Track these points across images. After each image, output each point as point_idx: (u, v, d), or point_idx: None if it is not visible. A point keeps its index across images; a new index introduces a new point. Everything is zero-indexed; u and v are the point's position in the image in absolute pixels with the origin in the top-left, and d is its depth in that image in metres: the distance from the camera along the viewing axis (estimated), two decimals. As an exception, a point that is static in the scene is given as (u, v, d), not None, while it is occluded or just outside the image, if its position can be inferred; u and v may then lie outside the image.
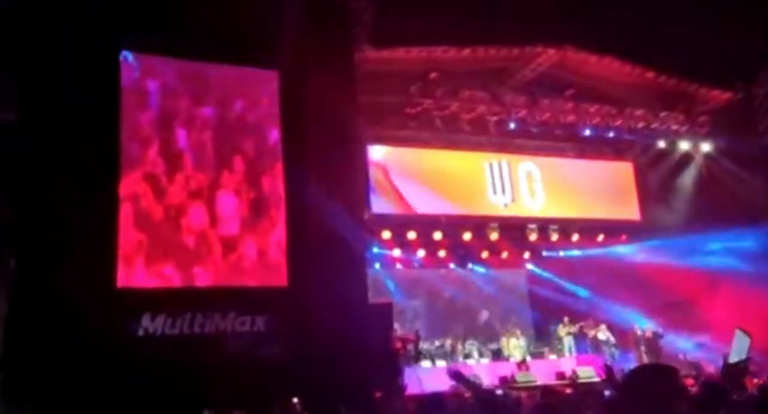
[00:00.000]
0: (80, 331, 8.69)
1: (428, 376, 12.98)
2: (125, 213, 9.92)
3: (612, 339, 14.98)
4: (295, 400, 8.56)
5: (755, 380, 9.23)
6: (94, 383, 8.44)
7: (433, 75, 14.13)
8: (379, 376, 10.90)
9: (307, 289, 10.39)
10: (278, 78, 11.36)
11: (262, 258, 10.75)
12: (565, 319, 15.62)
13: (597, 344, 15.09)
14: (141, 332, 9.52)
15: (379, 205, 14.26)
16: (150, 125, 10.43)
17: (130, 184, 10.05)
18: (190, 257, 10.26)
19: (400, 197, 14.75)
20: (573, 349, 15.19)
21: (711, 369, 13.73)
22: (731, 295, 14.84)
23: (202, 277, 10.27)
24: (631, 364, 14.00)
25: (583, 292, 16.67)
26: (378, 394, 10.40)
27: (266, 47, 10.57)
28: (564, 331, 15.39)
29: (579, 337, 15.42)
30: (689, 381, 9.18)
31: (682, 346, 15.29)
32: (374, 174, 14.26)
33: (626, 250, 16.73)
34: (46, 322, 8.67)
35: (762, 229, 14.04)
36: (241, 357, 9.79)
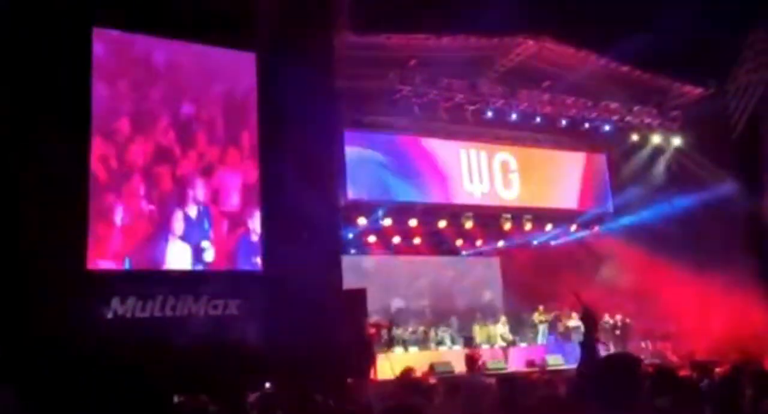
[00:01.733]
0: (49, 313, 8.55)
1: (401, 363, 13.07)
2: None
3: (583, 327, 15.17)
4: (267, 385, 8.56)
5: (717, 369, 9.47)
6: (64, 366, 8.32)
7: (412, 62, 14.10)
8: (352, 362, 10.93)
9: (280, 274, 10.35)
10: (255, 60, 11.23)
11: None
12: (540, 307, 15.77)
13: (569, 333, 15.31)
14: (110, 315, 9.41)
15: (355, 191, 14.24)
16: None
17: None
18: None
19: (376, 184, 14.74)
20: (546, 337, 15.38)
21: (675, 358, 14.06)
22: (694, 284, 15.20)
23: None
24: (600, 353, 14.27)
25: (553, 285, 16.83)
26: (350, 381, 10.44)
27: (244, 29, 10.43)
28: (539, 319, 15.57)
29: (553, 325, 15.62)
30: (651, 369, 9.36)
31: (647, 335, 15.61)
32: (351, 160, 14.21)
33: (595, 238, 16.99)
34: (14, 304, 8.51)
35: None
36: (213, 341, 9.72)
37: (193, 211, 10.46)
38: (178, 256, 10.22)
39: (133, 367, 8.57)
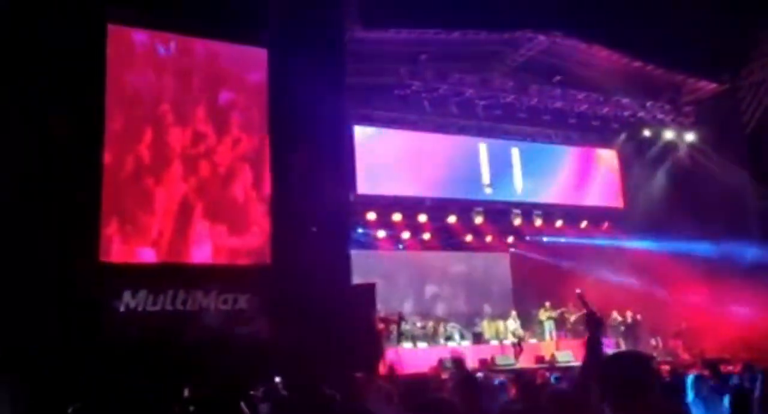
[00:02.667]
0: (61, 305, 8.63)
1: (410, 358, 13.09)
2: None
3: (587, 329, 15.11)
4: (277, 379, 8.59)
5: (729, 367, 9.42)
6: (76, 357, 8.40)
7: (422, 57, 14.06)
8: (361, 356, 10.95)
9: (290, 268, 10.38)
10: (267, 56, 11.26)
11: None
12: (547, 303, 15.73)
13: (577, 329, 15.25)
14: (122, 308, 9.48)
15: (365, 186, 14.23)
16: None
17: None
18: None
19: (386, 179, 14.73)
20: (553, 334, 15.31)
21: (686, 356, 13.99)
22: (707, 284, 15.11)
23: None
24: (609, 350, 14.19)
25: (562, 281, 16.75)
26: (359, 375, 10.45)
27: (255, 25, 10.45)
28: (545, 316, 15.51)
29: (560, 322, 15.57)
30: (664, 368, 9.33)
31: (658, 332, 15.53)
32: (361, 155, 14.20)
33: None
34: (26, 296, 8.59)
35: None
36: (223, 335, 9.79)
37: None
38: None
39: (143, 359, 8.65)
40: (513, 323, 15.14)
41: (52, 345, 8.44)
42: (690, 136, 16.55)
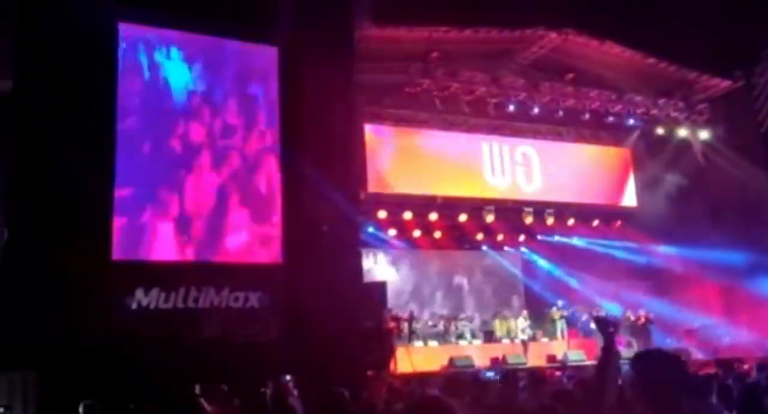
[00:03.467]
0: (75, 302, 8.69)
1: (421, 356, 13.10)
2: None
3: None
4: (288, 377, 8.61)
5: (745, 366, 9.34)
6: (89, 354, 8.45)
7: (433, 55, 14.02)
8: (372, 355, 10.96)
9: (301, 266, 10.40)
10: (278, 54, 11.28)
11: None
12: (559, 302, 15.66)
13: (590, 328, 15.17)
14: (134, 305, 9.54)
15: (376, 184, 14.23)
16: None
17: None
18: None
19: (396, 177, 14.72)
20: (565, 333, 15.25)
21: (699, 355, 13.88)
22: (720, 283, 15.00)
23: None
24: (622, 349, 14.15)
25: (574, 280, 16.69)
26: (370, 373, 10.47)
27: (265, 23, 10.47)
28: (557, 315, 15.44)
29: (572, 321, 15.50)
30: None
31: (671, 332, 15.41)
32: (371, 154, 14.20)
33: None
34: (39, 294, 8.66)
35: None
36: (234, 333, 9.82)
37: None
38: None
39: (155, 356, 8.68)
40: (523, 322, 15.12)
41: (65, 342, 8.50)
42: (704, 134, 16.39)
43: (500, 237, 16.89)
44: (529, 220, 16.04)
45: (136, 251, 9.97)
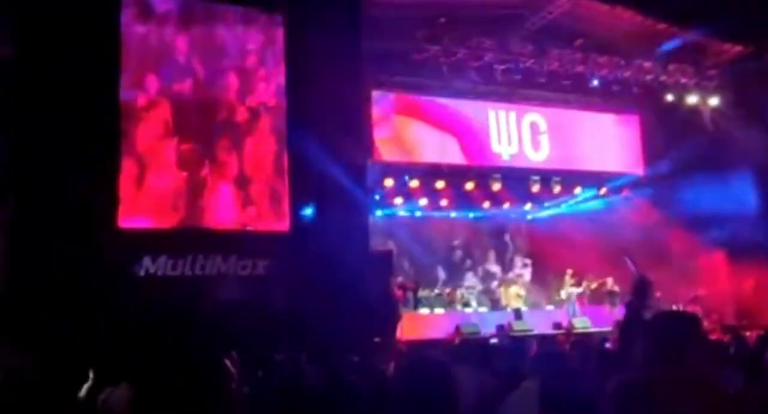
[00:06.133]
0: (82, 270, 8.76)
1: (427, 324, 13.21)
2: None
3: (617, 290, 14.99)
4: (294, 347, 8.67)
5: (747, 333, 9.39)
6: (97, 322, 8.54)
7: (441, 21, 13.79)
8: (379, 322, 11.05)
9: (308, 234, 10.43)
10: (283, 21, 11.13)
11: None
12: (569, 271, 15.57)
13: (599, 296, 15.21)
14: (142, 272, 9.60)
15: (382, 152, 14.17)
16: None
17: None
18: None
19: (403, 145, 14.64)
20: (574, 301, 15.21)
21: (705, 322, 13.93)
22: (726, 249, 15.00)
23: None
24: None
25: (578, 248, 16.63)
26: (377, 340, 10.57)
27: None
28: (568, 283, 15.39)
29: (582, 288, 15.49)
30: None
31: (677, 299, 15.42)
32: (378, 121, 14.09)
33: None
34: (47, 262, 8.71)
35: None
36: (241, 301, 9.89)
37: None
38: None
39: (164, 323, 8.75)
40: (518, 289, 15.07)
41: (74, 309, 8.58)
42: (714, 100, 16.19)
43: (506, 205, 16.86)
44: (536, 188, 15.97)
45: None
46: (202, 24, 10.67)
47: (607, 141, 16.85)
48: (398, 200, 15.54)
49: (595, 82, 15.66)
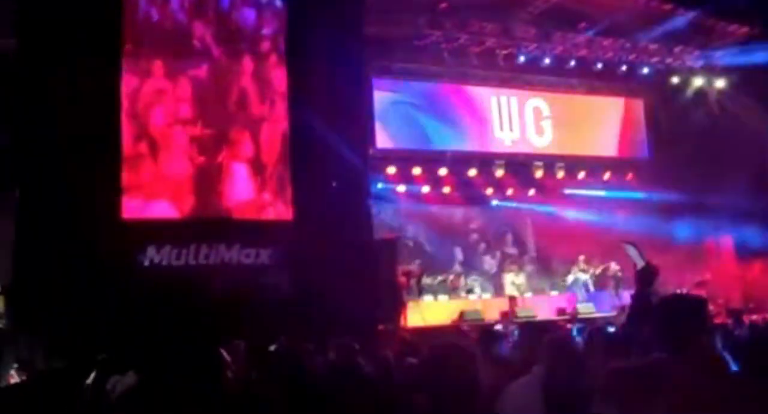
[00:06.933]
0: (88, 260, 8.77)
1: (430, 310, 13.20)
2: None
3: (620, 274, 14.91)
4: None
5: (754, 316, 9.37)
6: (103, 312, 8.56)
7: (442, 5, 13.66)
8: (383, 309, 11.05)
9: (311, 222, 10.40)
10: (284, 6, 11.05)
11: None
12: (581, 257, 15.40)
13: (603, 281, 15.13)
14: (147, 262, 9.61)
15: (384, 139, 14.09)
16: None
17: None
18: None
19: (405, 132, 14.56)
20: (583, 287, 15.02)
21: (711, 305, 13.89)
22: (731, 233, 14.94)
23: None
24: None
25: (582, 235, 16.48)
26: (381, 327, 10.58)
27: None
28: (578, 268, 15.17)
29: (598, 276, 15.38)
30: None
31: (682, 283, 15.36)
32: (380, 108, 14.01)
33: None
34: (52, 253, 8.73)
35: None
36: (245, 289, 9.89)
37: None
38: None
39: (168, 312, 8.78)
40: (514, 277, 14.90)
41: (80, 299, 8.61)
42: (720, 83, 16.03)
43: (510, 191, 16.77)
44: (539, 174, 15.89)
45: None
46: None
47: (612, 125, 16.74)
48: (401, 188, 15.45)
49: (599, 66, 15.52)
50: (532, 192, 17.11)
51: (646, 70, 16.03)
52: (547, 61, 15.03)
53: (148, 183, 9.98)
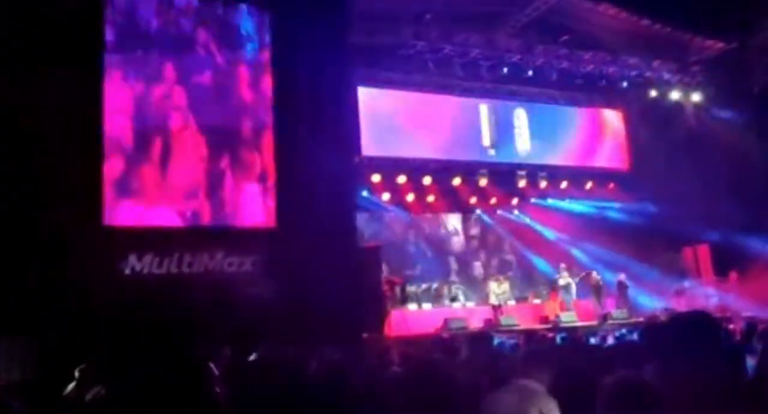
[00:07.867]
0: (68, 268, 8.67)
1: (414, 319, 13.24)
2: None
3: (601, 283, 15.02)
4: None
5: (731, 326, 9.49)
6: (83, 320, 8.46)
7: (427, 16, 13.80)
8: (368, 317, 11.06)
9: (295, 230, 10.39)
10: (270, 16, 11.07)
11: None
12: (562, 265, 15.48)
13: (585, 290, 15.25)
14: (128, 271, 9.52)
15: (370, 148, 14.15)
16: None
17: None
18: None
19: (390, 141, 14.63)
20: (572, 296, 15.04)
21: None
22: (711, 243, 15.17)
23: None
24: (613, 311, 14.31)
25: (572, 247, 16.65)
26: (365, 336, 10.58)
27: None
28: (563, 280, 15.18)
29: (578, 284, 15.50)
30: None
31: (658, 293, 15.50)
32: (365, 117, 14.08)
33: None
34: (33, 259, 8.62)
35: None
36: (229, 297, 9.84)
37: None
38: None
39: (149, 321, 8.70)
40: (497, 287, 14.91)
41: (60, 307, 8.50)
42: (696, 96, 16.36)
43: (493, 200, 16.92)
44: (522, 183, 16.07)
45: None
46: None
47: (593, 136, 16.98)
48: (386, 196, 15.52)
49: (581, 78, 15.76)
50: (515, 201, 17.28)
51: (625, 84, 16.32)
52: (530, 72, 15.23)
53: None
